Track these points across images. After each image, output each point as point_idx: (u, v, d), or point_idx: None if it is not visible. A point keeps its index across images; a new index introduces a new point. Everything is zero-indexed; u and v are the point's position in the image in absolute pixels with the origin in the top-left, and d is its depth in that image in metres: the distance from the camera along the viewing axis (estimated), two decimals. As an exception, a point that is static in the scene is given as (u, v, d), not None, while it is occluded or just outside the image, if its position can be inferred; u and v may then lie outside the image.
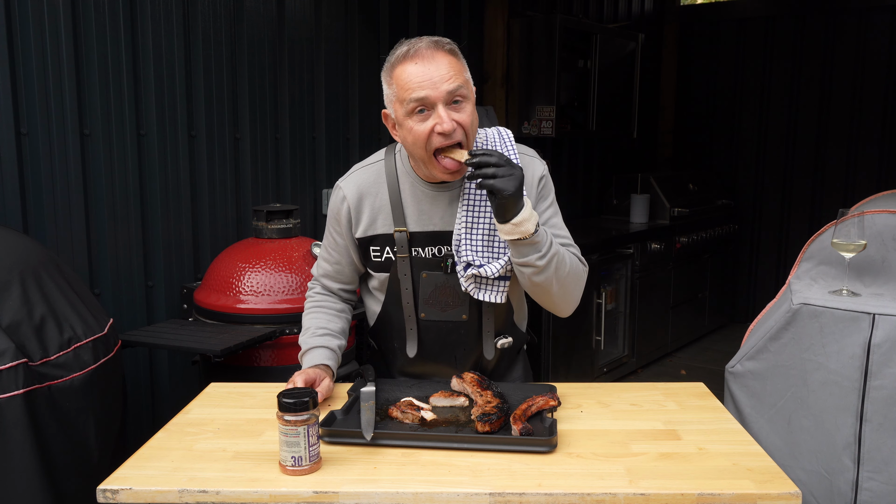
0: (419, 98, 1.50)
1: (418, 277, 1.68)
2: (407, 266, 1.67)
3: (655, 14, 6.00)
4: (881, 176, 5.38)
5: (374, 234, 1.69)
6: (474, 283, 1.63)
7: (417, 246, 1.67)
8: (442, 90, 1.50)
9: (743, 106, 6.00)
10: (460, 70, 1.54)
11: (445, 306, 1.69)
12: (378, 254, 1.70)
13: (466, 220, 1.63)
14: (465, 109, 1.53)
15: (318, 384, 1.60)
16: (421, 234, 1.67)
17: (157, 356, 2.94)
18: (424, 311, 1.70)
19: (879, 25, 5.33)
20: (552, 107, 4.42)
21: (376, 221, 1.69)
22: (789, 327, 2.08)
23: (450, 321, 1.70)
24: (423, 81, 1.50)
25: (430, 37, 1.56)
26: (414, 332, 1.73)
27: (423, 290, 1.68)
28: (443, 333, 1.72)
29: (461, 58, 1.58)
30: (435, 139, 1.53)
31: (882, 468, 1.93)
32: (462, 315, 1.69)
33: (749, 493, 1.22)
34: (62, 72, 2.53)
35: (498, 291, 1.64)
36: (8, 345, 1.74)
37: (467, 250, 1.62)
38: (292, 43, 3.32)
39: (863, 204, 2.44)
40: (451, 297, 1.68)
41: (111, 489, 1.25)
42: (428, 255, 1.67)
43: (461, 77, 1.53)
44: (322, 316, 1.79)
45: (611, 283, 4.63)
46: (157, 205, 2.87)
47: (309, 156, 3.47)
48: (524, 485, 1.24)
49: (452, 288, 1.67)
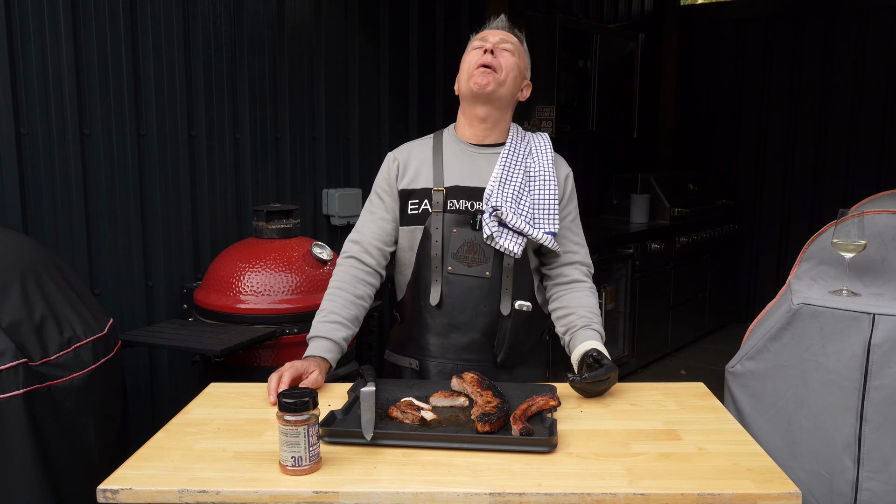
0: (479, 43, 1.88)
1: (449, 233, 1.85)
2: (440, 221, 1.85)
3: (655, 14, 6.00)
4: (881, 176, 5.38)
5: (414, 188, 1.89)
6: (497, 228, 1.80)
7: (453, 198, 1.86)
8: (497, 38, 1.88)
9: (743, 106, 6.00)
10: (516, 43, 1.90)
11: (471, 262, 1.84)
12: (416, 207, 1.88)
13: (501, 176, 1.85)
14: (508, 59, 1.85)
15: (307, 377, 1.66)
16: (459, 188, 1.86)
17: (157, 356, 2.94)
18: (451, 265, 1.85)
19: (879, 25, 5.33)
20: (552, 107, 4.41)
21: (419, 177, 1.90)
22: (789, 327, 2.08)
23: (474, 276, 1.84)
24: (486, 36, 1.89)
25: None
26: (439, 284, 1.86)
27: (452, 244, 1.85)
28: (465, 289, 1.85)
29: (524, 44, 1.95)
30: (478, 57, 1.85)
31: (882, 468, 1.93)
32: (486, 272, 1.84)
33: (749, 493, 1.22)
34: (62, 72, 2.53)
35: (516, 242, 1.81)
36: (8, 345, 1.74)
37: (497, 197, 1.81)
38: (292, 43, 3.32)
39: (863, 204, 2.44)
40: (477, 253, 1.84)
41: (111, 489, 1.25)
42: (462, 207, 1.85)
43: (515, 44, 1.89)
44: (339, 300, 1.85)
45: (611, 283, 4.63)
46: (157, 205, 2.87)
47: (309, 156, 3.47)
48: (524, 485, 1.24)
49: (479, 245, 1.84)
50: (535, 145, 1.95)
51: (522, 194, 1.85)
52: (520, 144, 1.92)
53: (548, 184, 1.88)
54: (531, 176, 1.88)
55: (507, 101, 1.90)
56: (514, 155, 1.89)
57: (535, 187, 1.87)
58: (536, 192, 1.87)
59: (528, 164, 1.90)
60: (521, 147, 1.92)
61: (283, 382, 1.62)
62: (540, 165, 1.90)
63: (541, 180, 1.88)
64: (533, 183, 1.88)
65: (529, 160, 1.90)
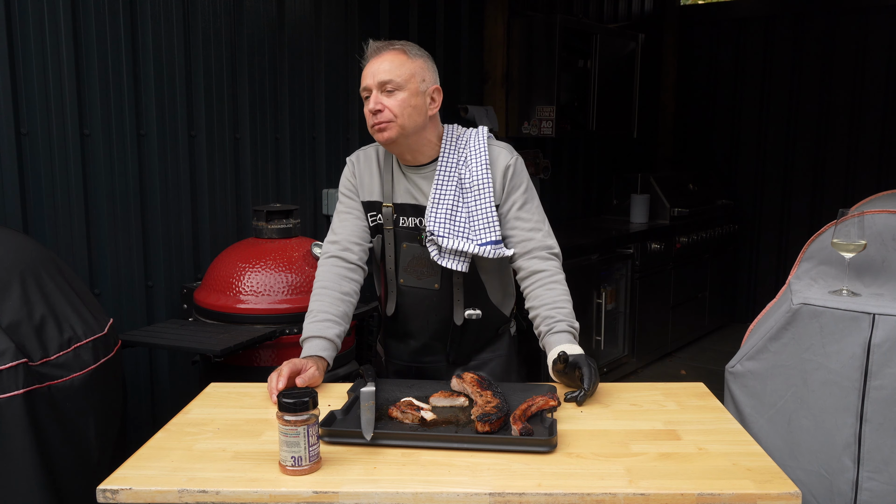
0: (364, 90, 1.83)
1: (400, 247, 1.90)
2: (391, 236, 1.91)
3: (655, 14, 5.99)
4: (881, 176, 5.38)
5: (370, 199, 1.93)
6: (437, 251, 1.83)
7: (402, 215, 1.90)
8: (377, 78, 1.79)
9: (743, 106, 6.00)
10: (401, 65, 1.79)
11: (421, 275, 1.90)
12: (374, 217, 1.93)
13: (434, 197, 1.85)
14: (395, 96, 1.79)
15: (304, 373, 1.68)
16: (406, 206, 1.90)
17: (157, 356, 2.94)
18: (403, 278, 1.92)
19: (879, 25, 5.33)
20: (552, 107, 4.41)
21: (372, 189, 1.93)
22: (789, 327, 2.08)
23: (424, 288, 1.90)
24: (367, 74, 1.82)
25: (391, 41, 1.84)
26: (393, 295, 1.94)
27: (402, 258, 1.91)
28: (417, 299, 1.92)
29: (413, 56, 1.82)
30: (368, 116, 1.82)
31: (882, 468, 1.93)
32: (434, 284, 1.89)
33: (749, 493, 1.22)
34: (62, 72, 2.53)
35: (458, 261, 1.82)
36: (8, 345, 1.74)
37: (431, 221, 1.83)
38: (292, 43, 3.32)
39: (863, 204, 2.44)
40: (426, 267, 1.89)
41: (111, 489, 1.25)
42: (410, 224, 1.89)
43: (399, 71, 1.78)
44: (326, 299, 1.86)
45: (611, 283, 4.63)
46: (157, 205, 2.88)
47: (309, 156, 3.47)
48: (524, 485, 1.24)
49: (427, 259, 1.87)
50: (471, 149, 1.87)
51: (457, 209, 1.83)
52: (452, 156, 1.87)
53: (482, 191, 1.82)
54: (465, 187, 1.84)
55: (419, 128, 1.82)
56: (446, 169, 1.85)
57: (471, 198, 1.83)
58: (472, 202, 1.83)
59: (461, 174, 1.85)
60: (454, 157, 1.87)
61: (282, 377, 1.63)
62: (473, 172, 1.84)
63: (476, 189, 1.83)
64: (468, 194, 1.83)
65: (464, 169, 1.85)
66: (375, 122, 1.81)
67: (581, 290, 4.20)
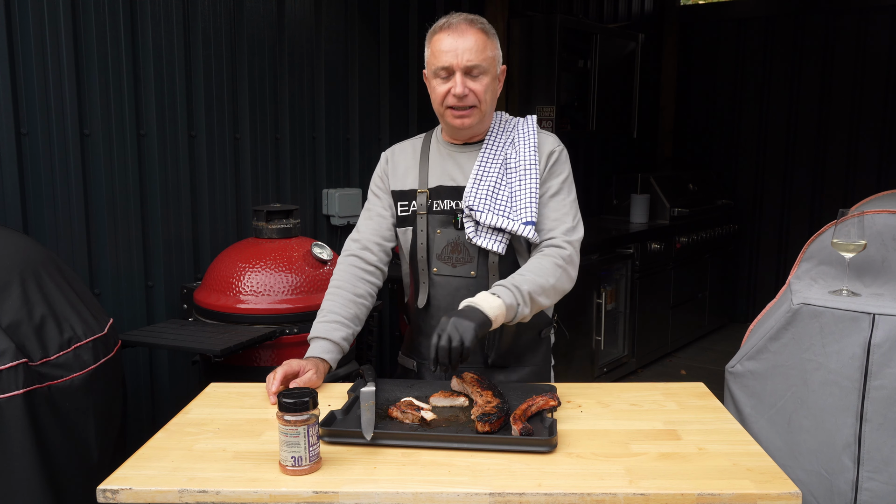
0: (442, 67, 1.74)
1: (433, 234, 1.83)
2: (424, 223, 1.83)
3: (655, 14, 6.00)
4: (881, 176, 5.38)
5: (403, 189, 1.88)
6: (474, 228, 1.77)
7: (437, 199, 1.84)
8: (463, 61, 1.72)
9: (743, 106, 6.00)
10: (485, 47, 1.74)
11: (456, 262, 1.81)
12: (405, 208, 1.87)
13: (476, 174, 1.81)
14: (480, 81, 1.74)
15: (301, 376, 1.67)
16: (442, 188, 1.84)
17: (157, 356, 2.94)
18: (437, 266, 1.83)
19: (879, 25, 5.33)
20: (552, 107, 4.42)
21: (406, 179, 1.89)
22: (789, 327, 2.08)
23: (459, 276, 1.81)
24: (449, 51, 1.72)
25: (468, 15, 1.77)
26: (426, 286, 1.84)
27: (436, 245, 1.82)
28: (452, 289, 1.82)
29: (491, 35, 1.77)
30: (449, 99, 1.75)
31: (882, 468, 1.93)
32: (471, 272, 1.80)
33: (749, 493, 1.22)
34: (62, 72, 2.53)
35: (496, 241, 1.76)
36: (8, 345, 1.74)
37: (472, 197, 1.77)
38: (292, 43, 3.32)
39: (863, 204, 2.44)
40: (461, 253, 1.81)
41: (111, 489, 1.25)
42: (446, 207, 1.83)
43: (483, 54, 1.73)
44: (339, 299, 1.85)
45: (611, 283, 4.63)
46: (157, 205, 2.87)
47: (309, 156, 3.47)
48: (524, 485, 1.24)
49: (463, 245, 1.81)
50: (520, 132, 1.86)
51: (500, 187, 1.79)
52: (500, 136, 1.86)
53: (528, 173, 1.79)
54: (510, 167, 1.81)
55: (492, 111, 1.85)
56: (493, 148, 1.84)
57: (515, 178, 1.80)
58: (515, 182, 1.79)
59: (507, 154, 1.83)
60: (502, 139, 1.86)
61: (276, 380, 1.63)
62: (520, 153, 1.82)
63: (521, 170, 1.80)
64: (512, 174, 1.81)
65: (510, 150, 1.83)
66: (457, 105, 1.74)
67: (581, 290, 4.19)
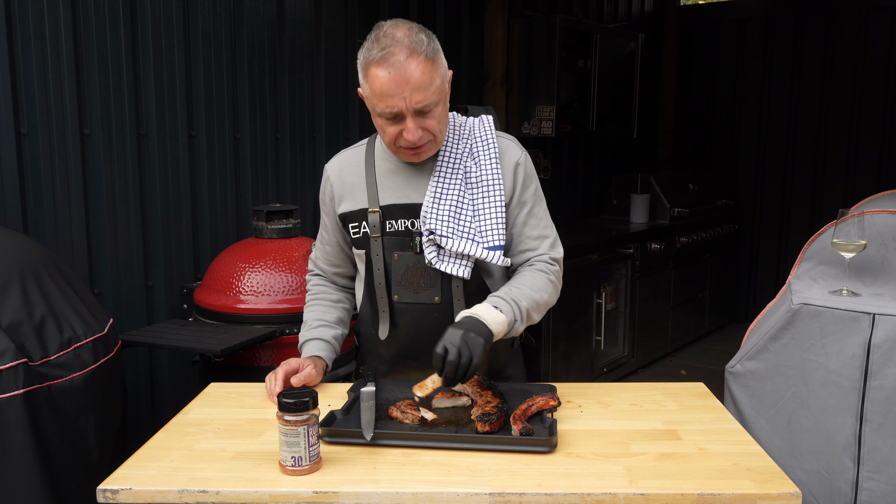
0: (390, 112, 1.52)
1: (391, 258, 1.68)
2: (379, 246, 1.67)
3: (655, 14, 5.99)
4: (881, 176, 5.38)
5: (352, 210, 1.71)
6: (436, 253, 1.63)
7: (391, 219, 1.67)
8: (412, 104, 1.51)
9: (743, 106, 6.00)
10: (433, 77, 1.53)
11: (417, 288, 1.67)
12: (356, 229, 1.71)
13: (435, 192, 1.65)
14: (433, 115, 1.55)
15: (301, 372, 1.66)
16: (395, 206, 1.67)
17: (157, 356, 2.94)
18: (397, 293, 1.69)
19: (879, 25, 5.33)
20: (552, 107, 4.42)
21: (354, 196, 1.71)
22: (789, 327, 2.08)
23: (423, 303, 1.67)
24: (395, 94, 1.50)
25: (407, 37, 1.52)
26: (387, 315, 1.71)
27: (395, 270, 1.67)
28: (416, 316, 1.69)
29: (434, 53, 1.55)
30: (402, 141, 1.57)
31: (882, 468, 1.93)
32: (434, 297, 1.66)
33: (749, 493, 1.22)
34: (62, 72, 2.53)
35: (460, 265, 1.63)
36: (8, 345, 1.74)
37: (432, 218, 1.62)
38: (292, 43, 3.32)
39: (863, 204, 2.44)
40: (422, 278, 1.66)
41: (111, 489, 1.25)
42: (401, 227, 1.67)
43: (433, 86, 1.53)
44: (318, 308, 1.84)
45: (611, 283, 4.63)
46: (157, 205, 2.88)
47: (309, 156, 3.47)
48: (524, 485, 1.24)
49: (424, 269, 1.66)
50: (478, 138, 1.69)
51: (461, 206, 1.64)
52: (457, 146, 1.68)
53: (492, 189, 1.64)
54: (472, 181, 1.66)
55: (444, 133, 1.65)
56: (450, 161, 1.67)
57: (478, 195, 1.65)
58: (479, 199, 1.65)
59: (468, 167, 1.67)
60: (459, 148, 1.68)
61: (277, 379, 1.63)
62: (482, 166, 1.66)
63: (484, 186, 1.65)
64: (474, 190, 1.65)
65: (470, 162, 1.67)
66: (413, 145, 1.57)
67: (581, 290, 4.20)
